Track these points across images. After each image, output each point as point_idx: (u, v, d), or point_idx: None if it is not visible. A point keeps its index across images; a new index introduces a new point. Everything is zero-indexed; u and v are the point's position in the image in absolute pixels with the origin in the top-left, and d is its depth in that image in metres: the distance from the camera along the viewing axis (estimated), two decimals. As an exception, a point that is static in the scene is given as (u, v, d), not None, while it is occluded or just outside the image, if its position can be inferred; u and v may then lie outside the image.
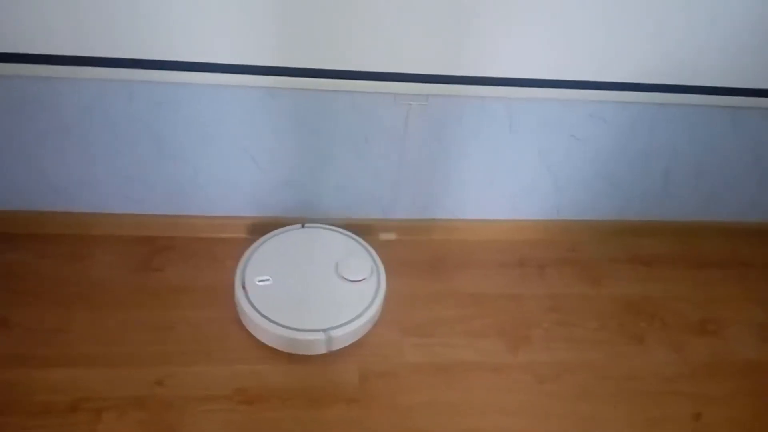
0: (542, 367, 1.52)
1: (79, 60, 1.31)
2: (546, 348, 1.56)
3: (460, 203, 1.76)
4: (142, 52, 1.30)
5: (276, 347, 1.43)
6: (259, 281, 1.46)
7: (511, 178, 1.71)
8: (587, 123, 1.59)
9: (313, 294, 1.47)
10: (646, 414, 1.45)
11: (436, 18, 1.30)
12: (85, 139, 1.47)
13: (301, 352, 1.44)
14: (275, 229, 1.61)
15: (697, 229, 1.90)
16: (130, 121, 1.45)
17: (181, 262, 1.64)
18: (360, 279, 1.51)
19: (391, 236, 1.79)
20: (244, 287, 1.45)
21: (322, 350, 1.43)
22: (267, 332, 1.40)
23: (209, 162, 1.56)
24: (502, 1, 1.28)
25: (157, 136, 1.49)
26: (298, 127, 1.52)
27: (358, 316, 1.44)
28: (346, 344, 1.45)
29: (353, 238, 1.62)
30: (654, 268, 1.82)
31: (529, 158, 1.66)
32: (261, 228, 1.65)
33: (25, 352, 1.39)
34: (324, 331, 1.40)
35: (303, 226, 1.63)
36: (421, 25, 1.31)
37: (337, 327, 1.41)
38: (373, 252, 1.59)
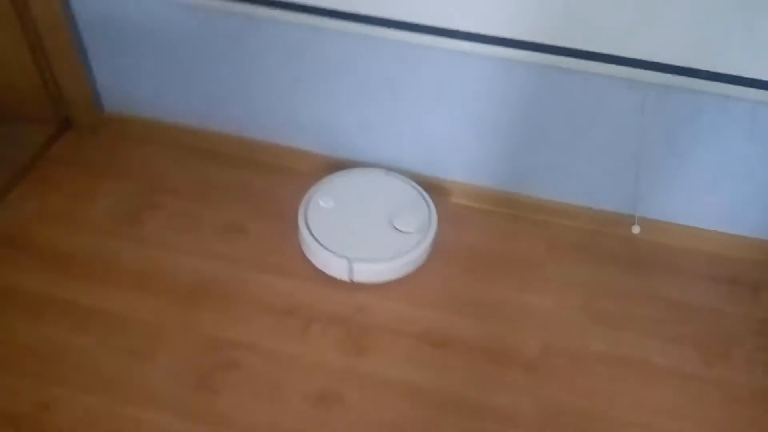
0: (738, 388, 1.44)
1: (343, 15, 1.49)
2: (746, 370, 1.47)
3: (674, 206, 1.70)
4: (392, 12, 1.44)
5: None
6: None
7: (736, 188, 1.62)
8: None
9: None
10: None
11: (695, 6, 1.27)
12: (336, 87, 1.66)
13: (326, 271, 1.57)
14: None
15: None
16: (376, 75, 1.61)
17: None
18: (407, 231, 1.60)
19: (582, 224, 1.77)
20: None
21: (344, 277, 1.55)
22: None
23: (434, 123, 1.68)
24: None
25: (395, 91, 1.63)
26: (525, 102, 1.57)
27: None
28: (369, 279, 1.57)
29: (419, 192, 1.70)
30: None
31: (763, 170, 1.56)
32: (470, 194, 1.75)
33: (254, 258, 1.62)
34: (347, 259, 1.52)
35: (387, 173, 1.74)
36: (676, 10, 1.29)
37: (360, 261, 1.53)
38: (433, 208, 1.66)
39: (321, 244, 1.54)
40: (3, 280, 1.52)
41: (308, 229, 1.57)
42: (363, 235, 1.58)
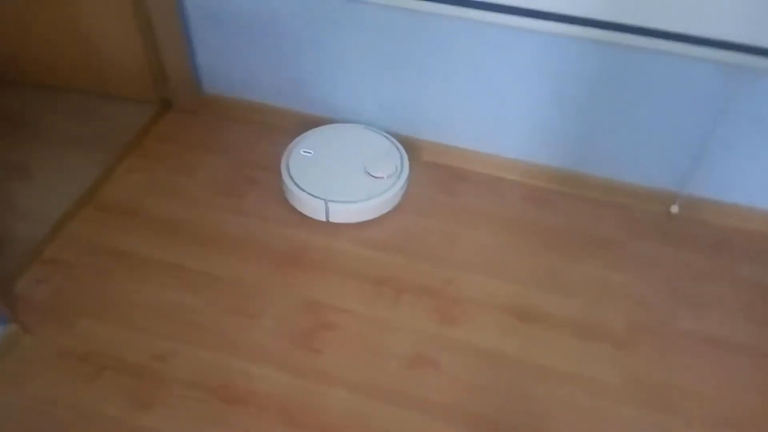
0: (830, 369, 1.44)
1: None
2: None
3: (758, 190, 1.70)
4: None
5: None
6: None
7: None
8: None
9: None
10: None
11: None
12: (422, 69, 1.73)
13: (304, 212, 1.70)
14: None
15: None
16: (466, 60, 1.67)
17: (475, 190, 1.84)
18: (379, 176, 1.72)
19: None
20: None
21: (321, 217, 1.68)
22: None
23: (519, 103, 1.72)
24: None
25: (485, 74, 1.69)
26: (605, 83, 1.60)
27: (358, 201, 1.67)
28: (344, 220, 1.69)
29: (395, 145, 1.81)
30: None
31: None
32: (532, 172, 1.79)
33: (347, 231, 1.70)
34: (324, 201, 1.64)
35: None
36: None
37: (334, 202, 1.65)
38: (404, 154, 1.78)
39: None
40: (115, 244, 1.63)
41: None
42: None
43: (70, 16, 1.83)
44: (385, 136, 1.84)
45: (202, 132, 1.95)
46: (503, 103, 1.73)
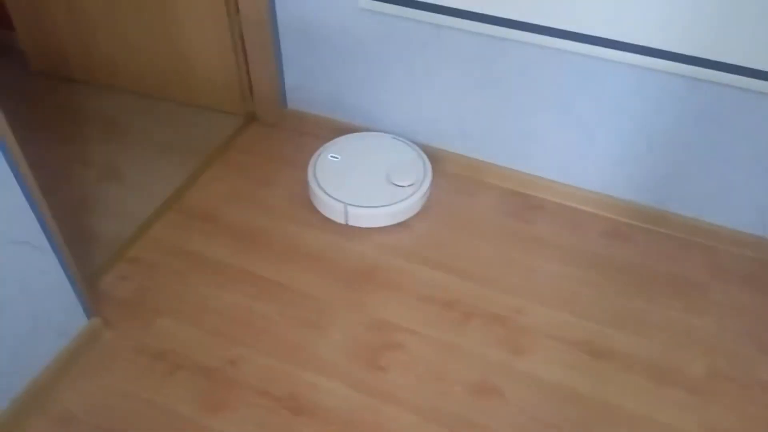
0: None
1: (526, 26, 1.55)
2: None
3: None
4: (577, 25, 1.49)
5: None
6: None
7: None
8: None
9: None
10: None
11: None
12: (507, 97, 1.73)
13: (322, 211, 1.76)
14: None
15: None
16: (552, 89, 1.66)
17: (551, 220, 1.81)
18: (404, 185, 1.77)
19: (744, 251, 1.71)
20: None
21: (341, 220, 1.73)
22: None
23: (605, 136, 1.69)
24: None
25: (571, 105, 1.67)
26: (698, 120, 1.55)
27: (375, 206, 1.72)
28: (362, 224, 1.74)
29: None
30: None
31: None
32: (614, 206, 1.75)
33: (419, 252, 1.71)
34: (343, 203, 1.69)
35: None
36: None
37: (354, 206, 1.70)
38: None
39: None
40: (195, 248, 1.70)
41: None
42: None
43: (168, 30, 1.93)
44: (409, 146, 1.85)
45: (283, 146, 2.01)
46: (588, 135, 1.71)
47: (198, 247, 1.70)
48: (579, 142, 1.74)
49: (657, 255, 1.72)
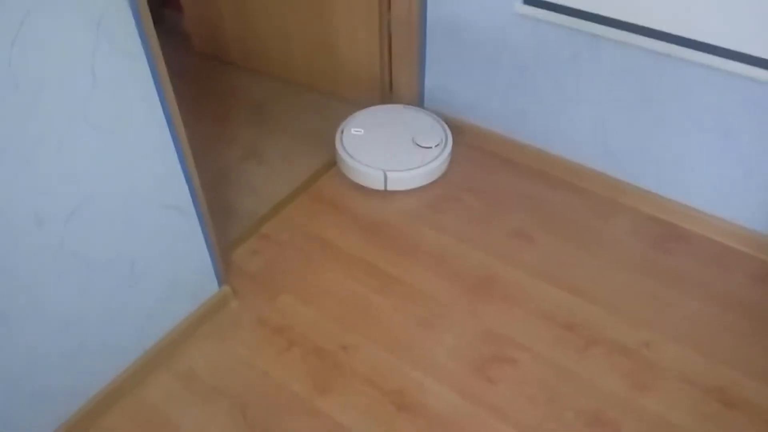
0: None
1: (690, 43, 1.45)
2: None
3: None
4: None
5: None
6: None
7: None
8: None
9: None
10: None
11: None
12: (661, 116, 1.62)
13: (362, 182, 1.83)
14: None
15: None
16: (710, 108, 1.53)
17: (694, 253, 1.68)
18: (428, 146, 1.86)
19: None
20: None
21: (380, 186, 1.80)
22: None
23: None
24: None
25: (729, 131, 1.54)
26: None
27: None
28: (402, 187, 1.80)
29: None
30: None
31: None
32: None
33: (545, 269, 1.65)
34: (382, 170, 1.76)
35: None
36: None
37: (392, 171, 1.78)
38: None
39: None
40: (322, 233, 1.75)
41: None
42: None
43: (322, 21, 2.01)
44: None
45: (417, 144, 2.03)
46: (747, 165, 1.56)
47: (325, 232, 1.75)
48: (736, 172, 1.59)
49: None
